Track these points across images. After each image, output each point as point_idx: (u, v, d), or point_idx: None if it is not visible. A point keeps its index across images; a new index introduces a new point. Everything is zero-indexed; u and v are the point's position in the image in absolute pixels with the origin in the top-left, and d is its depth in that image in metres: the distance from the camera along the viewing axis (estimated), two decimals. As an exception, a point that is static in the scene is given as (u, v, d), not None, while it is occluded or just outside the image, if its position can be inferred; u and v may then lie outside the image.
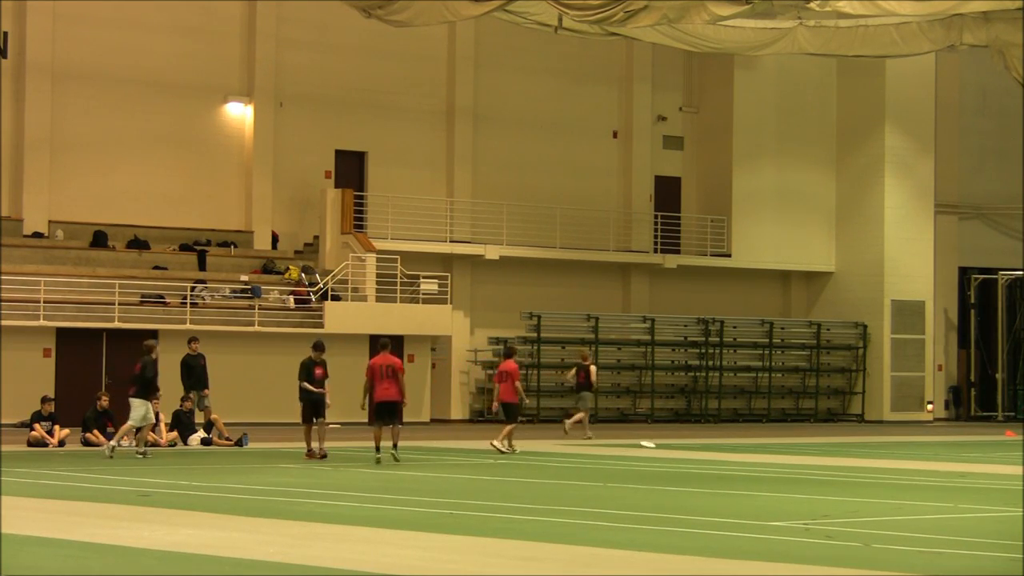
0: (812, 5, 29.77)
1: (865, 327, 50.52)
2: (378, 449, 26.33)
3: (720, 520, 17.25)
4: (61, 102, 40.90)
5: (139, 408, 27.78)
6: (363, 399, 26.97)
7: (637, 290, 49.10)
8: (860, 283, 50.70)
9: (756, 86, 50.14)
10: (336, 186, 43.91)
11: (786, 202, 50.60)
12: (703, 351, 48.42)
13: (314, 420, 27.81)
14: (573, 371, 36.56)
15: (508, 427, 30.41)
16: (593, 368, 36.20)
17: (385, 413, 26.50)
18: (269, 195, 43.49)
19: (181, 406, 31.83)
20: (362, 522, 16.76)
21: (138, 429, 27.88)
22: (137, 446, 27.87)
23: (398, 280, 42.06)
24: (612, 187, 49.11)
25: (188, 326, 37.94)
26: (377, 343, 28.18)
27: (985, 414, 53.15)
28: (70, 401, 35.05)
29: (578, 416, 36.04)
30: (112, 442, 27.83)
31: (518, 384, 30.81)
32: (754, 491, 21.57)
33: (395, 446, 26.28)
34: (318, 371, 27.96)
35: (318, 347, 28.28)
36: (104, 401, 31.33)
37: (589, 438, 35.28)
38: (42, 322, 37.30)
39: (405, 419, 27.63)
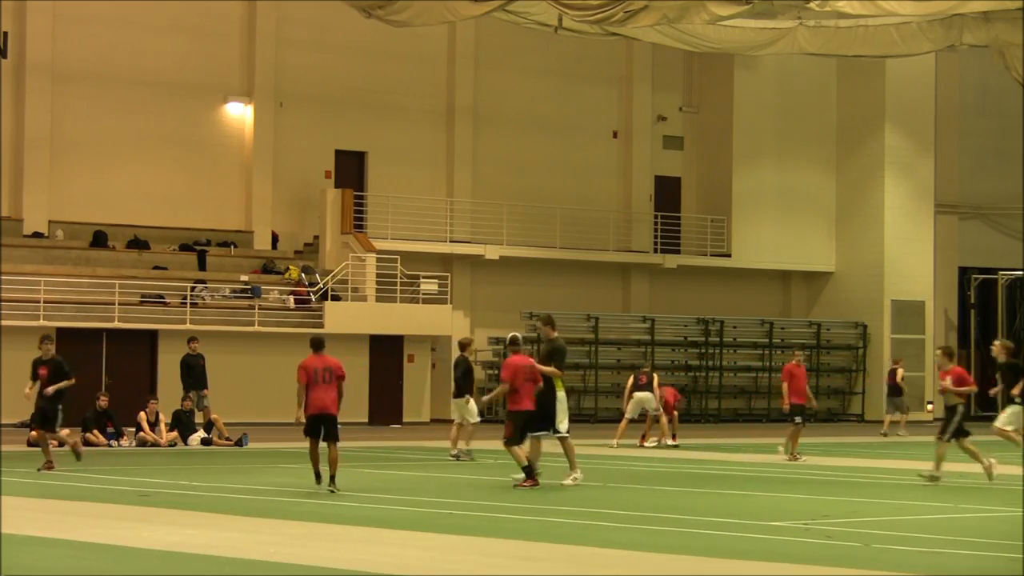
0: (812, 5, 29.73)
1: (865, 327, 50.50)
2: (318, 476, 20.53)
3: (720, 520, 17.25)
4: (61, 102, 40.89)
5: (458, 407, 28.02)
6: (297, 410, 20.68)
7: (637, 290, 49.08)
8: (860, 283, 50.68)
9: (756, 86, 50.12)
10: (336, 186, 43.90)
11: (786, 202, 50.58)
12: (703, 351, 48.40)
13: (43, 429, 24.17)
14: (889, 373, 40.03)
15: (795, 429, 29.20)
16: (900, 371, 39.61)
17: (318, 427, 20.41)
18: (269, 195, 43.48)
19: (181, 406, 31.87)
20: (362, 522, 16.76)
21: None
22: (452, 447, 27.82)
23: (398, 280, 42.06)
24: (612, 187, 49.09)
25: (188, 326, 37.93)
26: (309, 342, 21.04)
27: (985, 414, 53.05)
28: (70, 401, 34.92)
29: (898, 418, 39.50)
30: (462, 445, 27.70)
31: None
32: (754, 491, 21.56)
33: (332, 478, 20.29)
34: (42, 371, 24.06)
35: (45, 340, 24.27)
36: (104, 401, 31.34)
37: (901, 433, 38.88)
38: (42, 322, 37.25)
39: (406, 419, 26.78)
